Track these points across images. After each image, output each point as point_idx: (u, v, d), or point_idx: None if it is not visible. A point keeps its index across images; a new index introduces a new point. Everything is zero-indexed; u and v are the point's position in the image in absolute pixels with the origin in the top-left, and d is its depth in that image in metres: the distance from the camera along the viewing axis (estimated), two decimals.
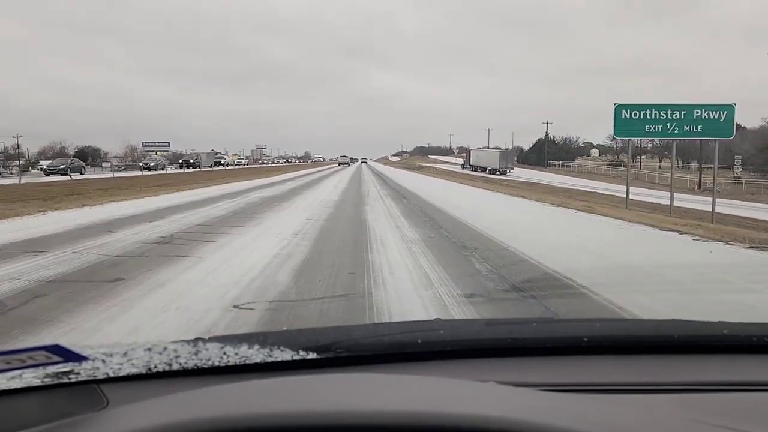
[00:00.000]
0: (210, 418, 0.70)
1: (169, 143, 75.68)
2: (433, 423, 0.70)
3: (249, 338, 1.12)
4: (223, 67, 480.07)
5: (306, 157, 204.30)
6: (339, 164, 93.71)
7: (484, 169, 69.50)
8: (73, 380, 0.98)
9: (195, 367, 1.05)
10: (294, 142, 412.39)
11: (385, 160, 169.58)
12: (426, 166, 79.19)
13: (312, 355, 1.10)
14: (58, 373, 0.97)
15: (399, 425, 0.70)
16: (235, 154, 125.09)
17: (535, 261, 7.44)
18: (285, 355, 1.08)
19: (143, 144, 76.71)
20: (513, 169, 70.11)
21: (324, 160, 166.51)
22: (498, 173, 63.84)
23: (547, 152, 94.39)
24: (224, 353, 1.07)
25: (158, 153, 73.17)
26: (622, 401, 1.01)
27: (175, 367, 1.04)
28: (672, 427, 0.80)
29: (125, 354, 1.04)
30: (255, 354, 1.07)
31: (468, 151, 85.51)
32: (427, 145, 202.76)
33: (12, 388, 0.94)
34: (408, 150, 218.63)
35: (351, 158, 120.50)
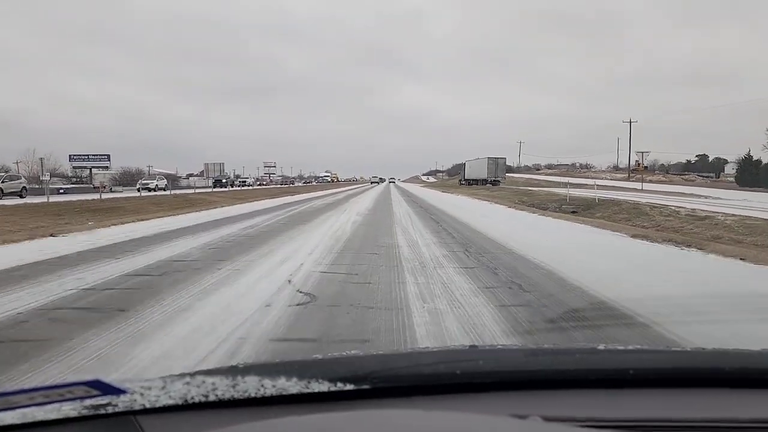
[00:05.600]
0: None
1: (108, 156, 58.05)
2: None
3: (287, 367, 1.11)
4: (240, 82, 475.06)
5: (302, 178, 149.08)
6: (371, 183, 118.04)
7: (476, 182, 62.88)
8: (110, 411, 0.97)
9: (231, 398, 1.04)
10: (315, 160, 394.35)
11: (417, 180, 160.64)
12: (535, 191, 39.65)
13: (349, 386, 1.08)
14: (95, 405, 0.96)
15: None
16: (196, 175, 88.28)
17: None
18: (322, 386, 1.07)
19: (71, 157, 56.88)
20: (504, 179, 62.99)
21: (336, 180, 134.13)
22: (489, 183, 57.25)
23: None
24: (262, 385, 1.06)
25: (95, 170, 57.27)
26: None
27: (212, 398, 1.04)
28: None
29: (163, 387, 1.03)
30: (292, 386, 1.06)
31: (463, 165, 76.56)
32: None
33: (50, 419, 0.94)
34: (443, 168, 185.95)
35: (380, 178, 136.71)
